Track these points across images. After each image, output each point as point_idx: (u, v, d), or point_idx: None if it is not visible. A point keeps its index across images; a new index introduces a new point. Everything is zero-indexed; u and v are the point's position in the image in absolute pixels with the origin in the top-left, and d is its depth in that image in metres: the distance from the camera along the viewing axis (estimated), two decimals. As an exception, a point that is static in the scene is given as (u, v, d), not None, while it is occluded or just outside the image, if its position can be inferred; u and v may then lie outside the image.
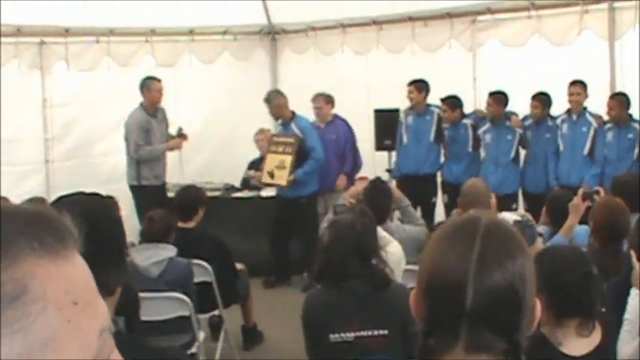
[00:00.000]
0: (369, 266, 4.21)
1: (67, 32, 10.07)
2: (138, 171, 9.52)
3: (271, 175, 9.56)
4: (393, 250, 5.18)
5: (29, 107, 10.09)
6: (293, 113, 9.71)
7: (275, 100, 9.71)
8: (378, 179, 6.75)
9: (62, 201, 2.13)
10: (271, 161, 9.58)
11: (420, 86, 9.69)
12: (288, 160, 9.45)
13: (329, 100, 10.03)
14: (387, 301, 4.12)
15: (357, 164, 10.10)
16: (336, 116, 10.10)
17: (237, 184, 10.55)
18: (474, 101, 9.78)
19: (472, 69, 9.88)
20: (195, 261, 6.27)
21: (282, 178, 9.45)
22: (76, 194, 2.18)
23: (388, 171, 10.18)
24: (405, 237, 6.01)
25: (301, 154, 9.43)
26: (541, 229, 6.20)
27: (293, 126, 9.62)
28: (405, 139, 9.92)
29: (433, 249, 1.57)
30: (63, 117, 10.25)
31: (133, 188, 9.45)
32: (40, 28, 9.90)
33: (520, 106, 9.10)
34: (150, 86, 9.45)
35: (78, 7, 9.68)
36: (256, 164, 10.38)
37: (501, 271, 1.48)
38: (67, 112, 10.30)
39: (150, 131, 9.46)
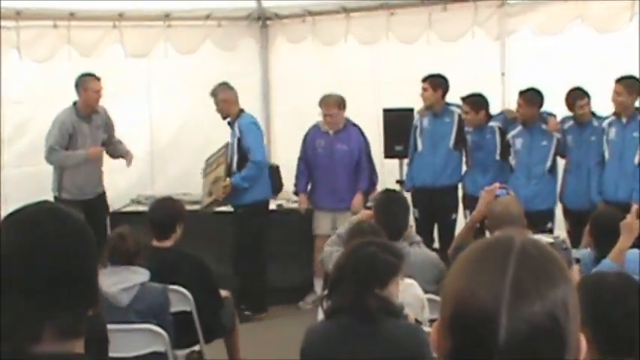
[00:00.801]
0: (380, 298, 4.25)
1: (18, 15, 10.01)
2: (59, 181, 9.65)
3: (210, 193, 9.74)
4: (413, 292, 5.22)
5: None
6: (241, 111, 9.77)
7: (221, 94, 9.75)
8: (391, 190, 6.79)
9: (9, 221, 2.06)
10: (206, 183, 9.85)
11: (436, 82, 9.67)
12: (221, 170, 9.65)
13: (342, 103, 9.91)
14: (396, 335, 4.19)
15: (373, 180, 10.03)
16: (347, 121, 10.05)
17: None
18: (502, 100, 9.80)
19: (500, 62, 9.91)
20: (173, 287, 6.27)
21: (218, 190, 9.62)
22: (28, 208, 2.11)
23: (399, 182, 10.21)
24: (422, 261, 6.05)
25: (243, 158, 9.55)
26: (581, 252, 6.23)
27: (236, 126, 9.67)
28: (419, 145, 9.91)
29: (459, 274, 1.54)
30: (15, 116, 10.21)
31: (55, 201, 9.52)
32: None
33: (558, 106, 9.08)
34: (86, 85, 9.52)
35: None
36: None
37: (540, 300, 1.46)
38: (19, 110, 10.27)
39: (75, 136, 9.54)
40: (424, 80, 9.70)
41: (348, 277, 4.23)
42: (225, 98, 9.70)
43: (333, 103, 9.85)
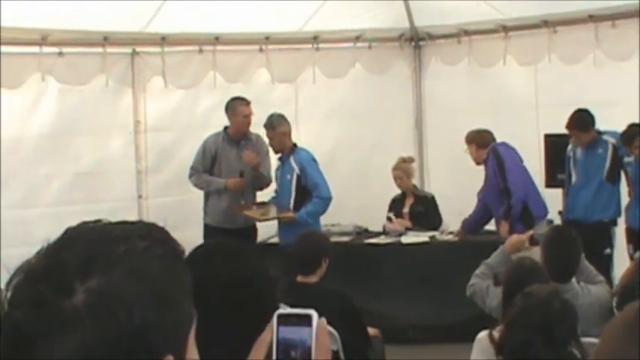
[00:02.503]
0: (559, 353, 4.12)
1: (163, 41, 10.13)
2: (204, 205, 9.82)
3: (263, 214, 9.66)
4: None
5: (118, 132, 10.24)
6: (294, 145, 9.58)
7: (280, 127, 9.50)
8: (563, 227, 6.52)
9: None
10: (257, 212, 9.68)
11: (581, 127, 9.38)
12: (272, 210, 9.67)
13: (482, 144, 9.66)
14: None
15: (510, 204, 9.58)
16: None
17: (372, 226, 10.46)
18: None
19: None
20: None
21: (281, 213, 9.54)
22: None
23: (561, 213, 9.97)
24: (592, 302, 5.83)
25: (302, 194, 9.38)
26: None
27: (292, 161, 9.47)
28: (573, 177, 9.77)
29: (611, 339, 1.51)
30: (158, 144, 10.31)
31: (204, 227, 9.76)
32: (131, 36, 10.00)
33: None
34: (234, 109, 9.59)
35: (176, 11, 9.73)
36: (398, 204, 10.17)
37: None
38: (163, 138, 10.44)
39: (219, 160, 9.64)
40: (567, 126, 9.43)
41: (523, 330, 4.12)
42: (284, 131, 9.52)
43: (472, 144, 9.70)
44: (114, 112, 10.20)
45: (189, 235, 9.38)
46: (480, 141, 9.61)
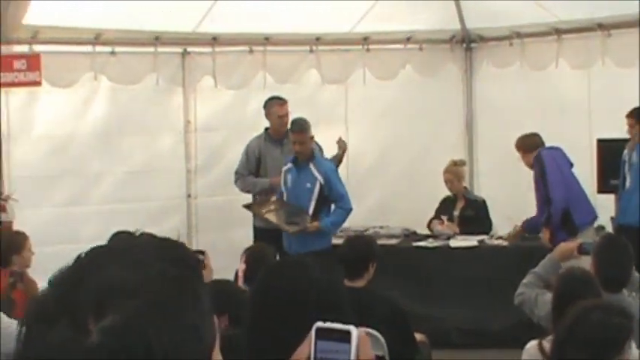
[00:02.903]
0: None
1: (214, 41, 10.16)
2: None
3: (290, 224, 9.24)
4: None
5: (168, 131, 10.30)
6: (312, 151, 9.25)
7: (309, 131, 9.11)
8: (615, 235, 6.43)
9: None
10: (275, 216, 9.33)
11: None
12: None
13: (529, 148, 9.52)
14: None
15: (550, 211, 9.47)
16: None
17: (420, 229, 10.40)
18: None
19: None
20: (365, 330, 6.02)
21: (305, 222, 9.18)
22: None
23: (613, 219, 9.82)
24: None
25: (322, 204, 9.13)
26: None
27: (312, 168, 9.08)
28: (627, 181, 9.55)
29: None
30: (208, 144, 10.36)
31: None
32: (182, 36, 10.05)
33: None
34: (269, 109, 9.53)
35: (227, 11, 9.76)
36: (449, 205, 10.15)
37: None
38: (212, 138, 10.47)
39: (264, 161, 9.56)
40: (628, 116, 9.33)
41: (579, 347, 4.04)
42: (312, 136, 9.17)
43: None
44: (164, 112, 10.26)
45: (239, 236, 9.48)
46: (527, 146, 9.51)
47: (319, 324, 1.73)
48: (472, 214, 10.30)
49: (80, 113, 9.73)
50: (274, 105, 9.50)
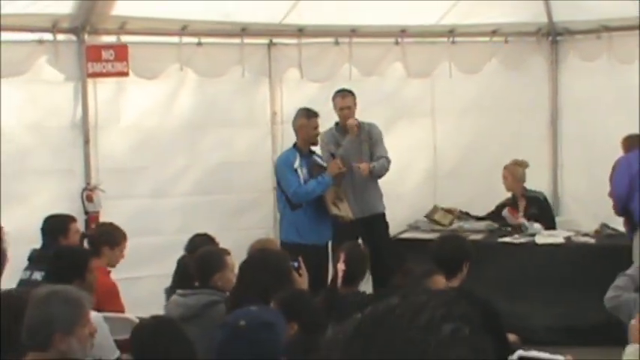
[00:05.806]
0: None
1: (300, 32, 10.15)
2: None
3: (336, 206, 9.26)
4: None
5: (254, 123, 10.29)
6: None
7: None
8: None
9: None
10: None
11: None
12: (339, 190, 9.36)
13: (627, 148, 9.42)
14: None
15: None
16: None
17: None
18: None
19: None
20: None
21: (347, 210, 9.27)
22: None
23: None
24: None
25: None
26: None
27: (316, 157, 9.35)
28: None
29: None
30: (294, 136, 10.31)
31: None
32: (268, 27, 10.05)
33: None
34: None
35: (313, 3, 9.80)
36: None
37: None
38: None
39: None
40: None
41: None
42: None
43: None
44: (250, 103, 10.22)
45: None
46: (626, 146, 9.38)
47: (522, 353, 1.71)
48: (536, 212, 10.17)
49: (166, 105, 9.74)
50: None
